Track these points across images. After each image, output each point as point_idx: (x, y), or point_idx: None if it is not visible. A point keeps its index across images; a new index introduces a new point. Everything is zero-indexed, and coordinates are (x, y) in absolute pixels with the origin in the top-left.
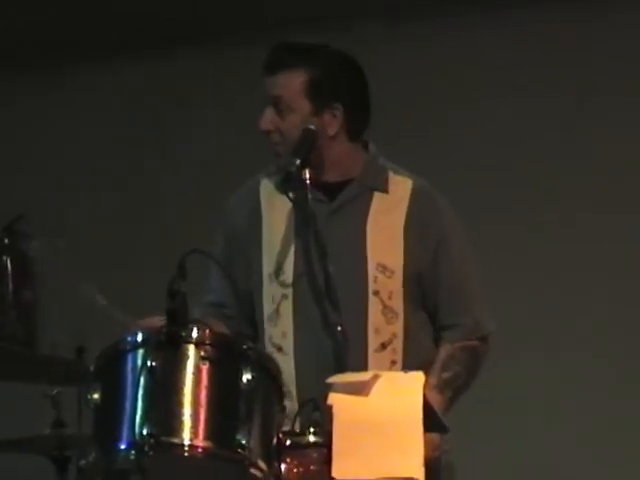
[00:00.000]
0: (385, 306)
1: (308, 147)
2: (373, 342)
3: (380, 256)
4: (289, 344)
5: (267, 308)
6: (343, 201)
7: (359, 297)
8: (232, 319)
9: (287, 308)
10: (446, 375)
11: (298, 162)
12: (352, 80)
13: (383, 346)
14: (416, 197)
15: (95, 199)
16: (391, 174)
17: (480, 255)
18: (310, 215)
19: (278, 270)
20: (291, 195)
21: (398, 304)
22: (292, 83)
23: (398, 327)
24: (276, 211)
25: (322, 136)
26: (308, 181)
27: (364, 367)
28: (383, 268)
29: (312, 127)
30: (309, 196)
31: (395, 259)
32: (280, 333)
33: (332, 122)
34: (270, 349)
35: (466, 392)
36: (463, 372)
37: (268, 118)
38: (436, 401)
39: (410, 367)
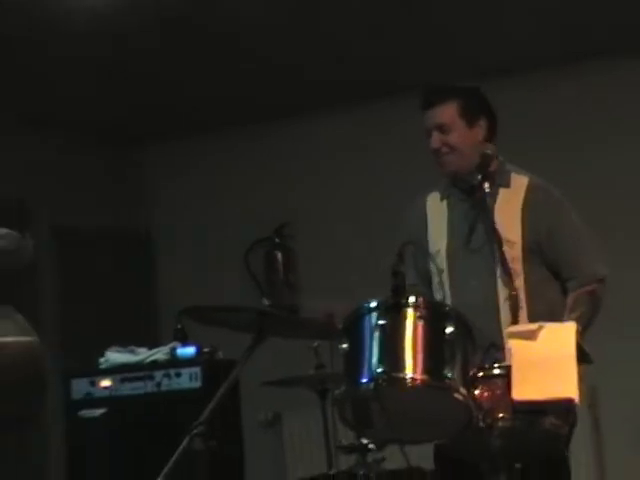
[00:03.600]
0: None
1: (486, 166)
2: (502, 292)
3: (504, 233)
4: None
5: (434, 279)
6: (479, 198)
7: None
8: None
9: (445, 279)
10: (573, 315)
11: (480, 177)
12: (485, 102)
13: (510, 296)
14: (531, 190)
15: (336, 208)
16: (513, 174)
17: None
18: (488, 211)
19: (438, 253)
20: (472, 199)
21: (518, 267)
22: (449, 110)
23: (519, 283)
24: (435, 211)
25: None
26: (487, 189)
27: (497, 309)
28: (507, 241)
29: (489, 152)
30: (486, 198)
31: (515, 234)
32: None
33: (480, 132)
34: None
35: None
36: (587, 311)
37: (436, 138)
38: None
39: (535, 311)
